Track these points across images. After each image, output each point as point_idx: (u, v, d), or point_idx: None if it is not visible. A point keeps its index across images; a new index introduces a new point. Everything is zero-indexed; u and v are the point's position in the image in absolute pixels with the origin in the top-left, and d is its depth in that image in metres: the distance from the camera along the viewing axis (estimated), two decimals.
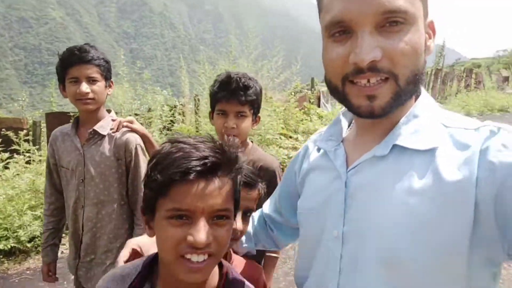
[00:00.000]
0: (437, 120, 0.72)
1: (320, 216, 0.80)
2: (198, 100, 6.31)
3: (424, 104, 0.74)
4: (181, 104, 5.98)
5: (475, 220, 0.61)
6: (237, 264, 1.14)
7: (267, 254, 1.65)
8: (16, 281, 3.26)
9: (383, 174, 0.71)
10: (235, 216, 0.83)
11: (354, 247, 0.73)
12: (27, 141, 4.55)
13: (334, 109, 8.60)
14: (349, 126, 0.88)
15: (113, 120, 1.74)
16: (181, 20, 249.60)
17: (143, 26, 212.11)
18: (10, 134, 4.39)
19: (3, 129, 4.47)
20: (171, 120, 5.56)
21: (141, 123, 5.09)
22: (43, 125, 5.24)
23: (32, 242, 3.65)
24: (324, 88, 9.04)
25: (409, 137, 0.70)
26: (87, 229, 1.69)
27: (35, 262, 3.55)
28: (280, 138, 5.96)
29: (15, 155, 4.32)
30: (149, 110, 5.55)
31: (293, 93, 7.55)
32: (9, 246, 3.45)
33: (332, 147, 0.83)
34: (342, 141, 0.84)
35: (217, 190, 0.75)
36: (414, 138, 0.70)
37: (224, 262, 0.90)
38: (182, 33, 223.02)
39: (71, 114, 5.04)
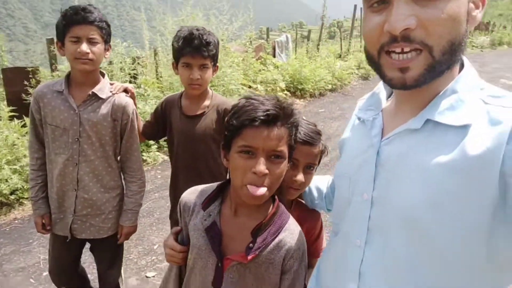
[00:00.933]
0: (478, 96, 0.71)
1: (353, 180, 0.86)
2: (157, 52, 6.34)
3: (465, 79, 0.74)
4: (142, 56, 5.98)
5: (502, 195, 0.62)
6: (298, 211, 1.33)
7: None
8: (7, 229, 3.45)
9: (414, 147, 0.73)
10: (289, 159, 1.06)
11: (381, 210, 0.77)
12: None
13: (288, 58, 8.93)
14: (389, 97, 0.90)
15: (111, 84, 1.81)
16: None
17: None
18: None
19: None
20: (134, 73, 5.60)
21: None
22: None
23: (14, 195, 3.78)
24: (278, 38, 9.27)
25: (444, 113, 0.70)
26: (83, 184, 1.77)
27: (21, 212, 3.72)
28: (242, 88, 6.28)
29: None
30: (110, 62, 5.51)
31: (249, 42, 7.75)
32: None
33: (370, 117, 0.86)
34: (381, 111, 0.87)
35: (275, 135, 0.98)
36: (449, 113, 0.70)
37: (277, 199, 1.14)
38: None
39: (28, 69, 4.91)
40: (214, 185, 1.18)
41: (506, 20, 26.59)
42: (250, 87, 6.87)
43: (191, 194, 1.19)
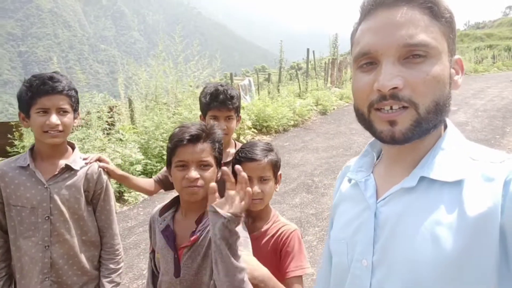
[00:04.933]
0: (465, 154, 0.73)
1: (350, 246, 0.82)
2: (131, 100, 6.91)
3: (450, 137, 0.76)
4: (118, 105, 6.51)
5: (503, 251, 0.62)
6: (276, 219, 1.49)
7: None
8: None
9: (411, 206, 0.72)
10: (219, 165, 1.35)
11: (382, 277, 0.74)
12: None
13: (252, 100, 9.72)
14: (378, 158, 0.91)
15: (84, 159, 1.70)
16: (76, 18, 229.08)
17: (31, 26, 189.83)
18: None
19: None
20: (112, 121, 6.08)
21: (82, 125, 5.55)
22: None
23: None
24: (242, 82, 10.10)
25: (436, 169, 0.71)
26: (56, 268, 1.59)
27: None
28: None
29: None
30: (88, 112, 5.98)
31: None
32: None
33: (363, 178, 0.85)
34: (372, 172, 0.87)
35: (199, 149, 1.28)
36: (441, 170, 0.71)
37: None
38: (79, 32, 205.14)
39: (12, 123, 5.27)
40: (176, 196, 1.45)
41: None
42: None
43: (156, 207, 1.47)
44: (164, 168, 1.98)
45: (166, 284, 1.34)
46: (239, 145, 1.99)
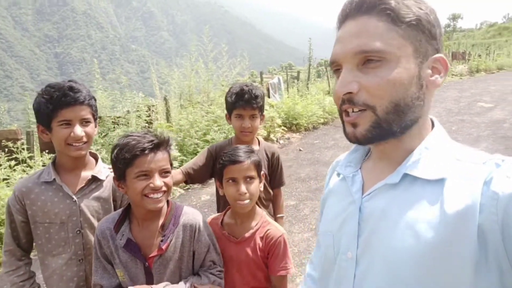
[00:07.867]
0: (450, 154, 0.75)
1: (336, 238, 0.86)
2: (167, 99, 7.19)
3: (435, 137, 0.79)
4: (154, 104, 6.80)
5: (482, 248, 0.64)
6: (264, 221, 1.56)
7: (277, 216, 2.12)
8: None
9: (394, 201, 0.75)
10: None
11: (365, 268, 0.77)
12: (23, 149, 5.10)
13: (282, 98, 9.81)
14: (367, 154, 0.93)
15: (110, 168, 1.61)
16: (108, 19, 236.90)
17: (66, 27, 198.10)
18: (10, 144, 4.93)
19: (3, 141, 4.99)
20: (150, 119, 6.38)
21: (122, 124, 5.84)
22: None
23: None
24: (271, 80, 10.21)
25: (419, 167, 0.74)
26: (89, 280, 1.56)
27: None
28: None
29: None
30: (128, 112, 6.30)
31: None
32: None
33: (350, 173, 0.89)
34: (360, 168, 0.90)
35: (161, 158, 1.27)
36: (424, 168, 0.74)
37: (170, 200, 1.39)
38: (111, 33, 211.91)
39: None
40: (119, 211, 1.42)
41: (481, 49, 28.47)
42: None
43: (103, 224, 1.39)
44: (192, 161, 2.06)
45: None
46: (262, 141, 2.14)
